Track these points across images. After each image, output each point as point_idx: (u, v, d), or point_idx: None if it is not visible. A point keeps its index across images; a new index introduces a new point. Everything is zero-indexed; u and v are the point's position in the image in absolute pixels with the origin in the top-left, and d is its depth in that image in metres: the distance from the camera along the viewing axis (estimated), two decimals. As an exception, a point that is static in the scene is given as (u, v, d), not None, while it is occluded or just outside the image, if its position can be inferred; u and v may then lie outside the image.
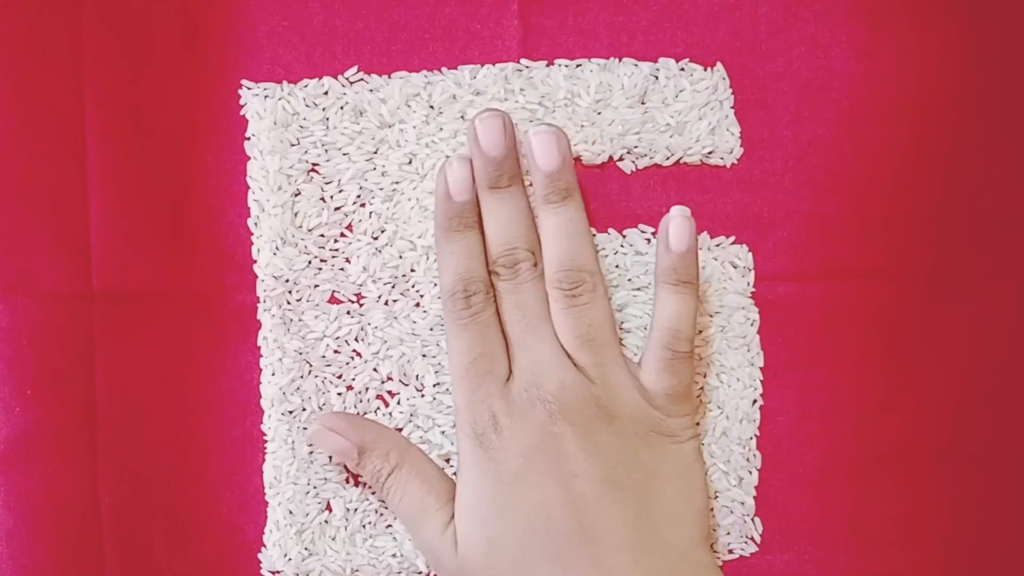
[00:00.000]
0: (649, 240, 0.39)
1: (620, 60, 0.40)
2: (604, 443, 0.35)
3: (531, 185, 0.38)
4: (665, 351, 0.36)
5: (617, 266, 0.39)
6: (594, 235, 0.39)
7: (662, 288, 0.37)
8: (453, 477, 0.38)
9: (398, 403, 0.39)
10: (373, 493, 0.39)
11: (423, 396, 0.39)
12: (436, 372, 0.39)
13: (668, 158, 0.40)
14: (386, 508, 0.39)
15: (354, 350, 0.39)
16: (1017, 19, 0.40)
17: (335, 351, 0.39)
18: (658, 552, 0.35)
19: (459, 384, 0.37)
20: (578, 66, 0.40)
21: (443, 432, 0.39)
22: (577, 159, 0.39)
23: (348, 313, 0.39)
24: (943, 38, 0.40)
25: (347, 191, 0.39)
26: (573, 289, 0.36)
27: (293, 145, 0.39)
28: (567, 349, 0.36)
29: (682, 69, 0.40)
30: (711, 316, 0.39)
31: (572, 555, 0.34)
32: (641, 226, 0.40)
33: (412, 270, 0.39)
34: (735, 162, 0.40)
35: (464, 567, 0.36)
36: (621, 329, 0.39)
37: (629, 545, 0.35)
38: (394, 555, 0.39)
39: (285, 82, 0.39)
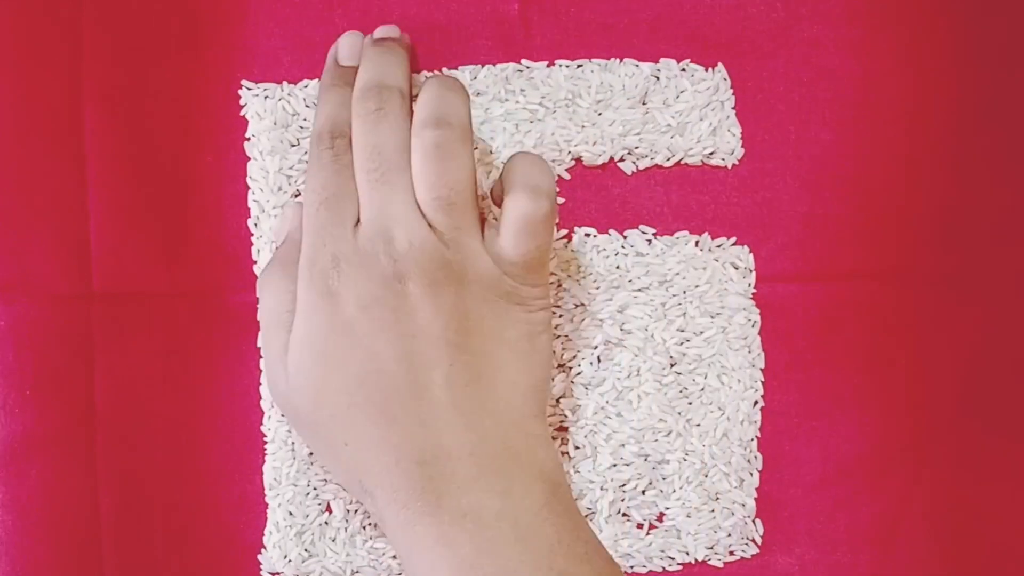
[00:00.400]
0: (650, 241, 0.39)
1: (621, 61, 0.40)
2: (448, 304, 0.34)
3: None
4: (526, 210, 0.34)
5: (618, 267, 0.39)
6: (595, 236, 0.39)
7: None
8: None
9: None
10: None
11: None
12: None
13: (669, 159, 0.40)
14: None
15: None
16: (1017, 19, 0.40)
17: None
18: (491, 418, 0.34)
19: (307, 221, 0.35)
20: (579, 66, 0.39)
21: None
22: (578, 160, 0.39)
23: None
24: (943, 39, 0.40)
25: (347, 192, 0.39)
26: (440, 139, 0.34)
27: (293, 146, 0.39)
28: (422, 207, 0.34)
29: (683, 70, 0.40)
30: (712, 317, 0.39)
31: (399, 411, 0.33)
32: (642, 227, 0.40)
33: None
34: (736, 163, 0.40)
35: (291, 400, 0.35)
36: (621, 330, 0.39)
37: (460, 407, 0.33)
38: (394, 556, 0.39)
39: (285, 82, 0.39)
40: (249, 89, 0.39)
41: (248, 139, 0.39)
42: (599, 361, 0.39)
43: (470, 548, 0.32)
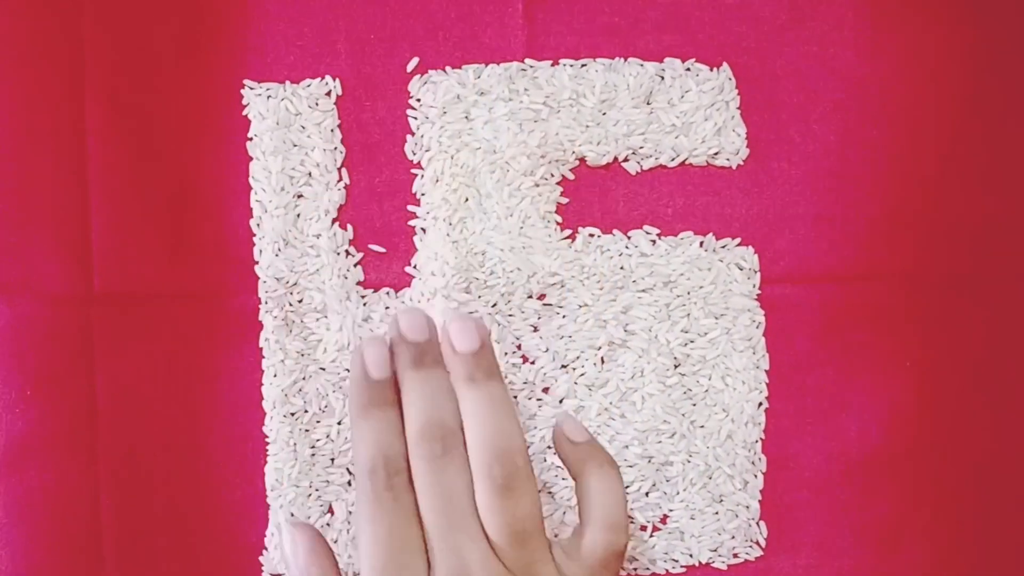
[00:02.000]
0: (654, 242, 0.39)
1: (625, 60, 0.39)
2: None
3: None
4: (606, 548, 0.34)
5: (622, 267, 0.39)
6: (599, 236, 0.39)
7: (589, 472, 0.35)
8: None
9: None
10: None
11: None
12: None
13: (674, 159, 0.39)
14: None
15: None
16: (1023, 20, 0.40)
17: (337, 351, 0.39)
18: None
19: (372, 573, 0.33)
20: (583, 66, 0.39)
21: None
22: (582, 160, 0.39)
23: (351, 315, 0.39)
24: (949, 39, 0.40)
25: (350, 192, 0.39)
26: (508, 480, 0.33)
27: (295, 146, 0.39)
28: (494, 544, 0.33)
29: (688, 69, 0.39)
30: (716, 319, 0.39)
31: None
32: (646, 227, 0.39)
33: (415, 267, 0.39)
34: (741, 163, 0.40)
35: None
36: (625, 331, 0.39)
37: None
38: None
39: (288, 82, 0.39)
40: (252, 89, 0.39)
41: (250, 139, 0.39)
42: (603, 362, 0.39)
43: None
